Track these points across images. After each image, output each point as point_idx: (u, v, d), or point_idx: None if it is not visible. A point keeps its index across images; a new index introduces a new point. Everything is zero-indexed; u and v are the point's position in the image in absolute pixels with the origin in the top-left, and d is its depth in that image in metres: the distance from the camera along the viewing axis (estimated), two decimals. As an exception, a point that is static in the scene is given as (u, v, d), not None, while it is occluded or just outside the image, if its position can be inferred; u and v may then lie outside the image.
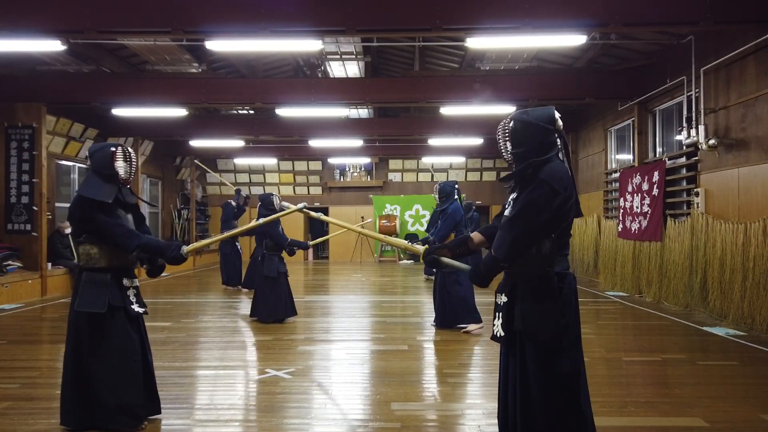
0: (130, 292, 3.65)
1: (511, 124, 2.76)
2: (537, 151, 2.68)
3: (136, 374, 3.57)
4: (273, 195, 7.66)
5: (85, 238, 3.54)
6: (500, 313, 2.83)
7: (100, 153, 3.58)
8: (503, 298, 2.83)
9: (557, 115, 2.76)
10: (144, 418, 3.63)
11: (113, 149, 3.56)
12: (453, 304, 6.75)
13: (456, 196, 6.87)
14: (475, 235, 3.07)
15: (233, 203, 11.94)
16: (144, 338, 3.72)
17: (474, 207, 13.50)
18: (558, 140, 2.74)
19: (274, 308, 7.30)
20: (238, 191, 12.50)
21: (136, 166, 3.67)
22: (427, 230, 7.16)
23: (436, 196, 7.01)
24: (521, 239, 2.65)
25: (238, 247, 11.35)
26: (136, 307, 3.63)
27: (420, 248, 3.20)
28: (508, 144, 2.76)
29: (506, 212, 2.80)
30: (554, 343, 2.63)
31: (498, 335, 2.84)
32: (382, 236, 3.65)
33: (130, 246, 3.49)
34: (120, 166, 3.55)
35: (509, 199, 2.83)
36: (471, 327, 6.71)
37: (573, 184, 2.70)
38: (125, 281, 3.62)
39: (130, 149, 3.63)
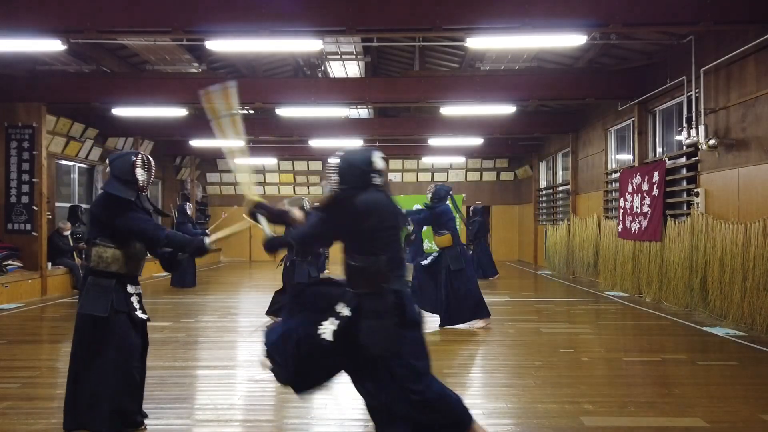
0: (134, 299, 3.62)
1: (336, 162, 3.15)
2: (356, 185, 3.07)
3: (134, 380, 3.57)
4: (303, 198, 7.23)
5: (101, 240, 3.53)
6: (337, 321, 3.03)
7: (120, 160, 3.63)
8: (346, 311, 3.03)
9: (376, 157, 3.14)
10: (140, 425, 3.60)
11: (134, 158, 3.62)
12: (461, 301, 6.80)
13: (447, 202, 7.03)
14: (297, 213, 3.46)
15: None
16: (145, 346, 3.72)
17: (480, 213, 13.50)
18: (377, 178, 3.11)
19: None
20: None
21: (154, 173, 3.72)
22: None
23: (429, 196, 7.13)
24: (313, 235, 3.18)
25: None
26: (139, 314, 3.62)
27: (255, 198, 3.40)
28: (335, 177, 3.14)
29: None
30: (389, 354, 2.96)
31: (324, 338, 3.04)
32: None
33: (161, 237, 3.55)
34: (140, 173, 3.61)
35: None
36: (481, 323, 6.82)
37: (392, 213, 3.09)
38: (129, 288, 3.61)
39: (149, 157, 3.68)
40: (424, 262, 7.16)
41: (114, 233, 3.52)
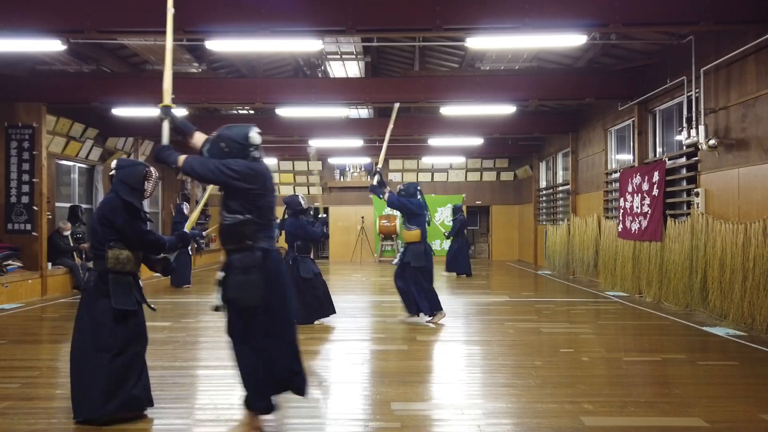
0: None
1: (217, 135, 3.56)
2: (237, 156, 3.52)
3: (141, 367, 3.89)
4: (299, 196, 7.41)
5: (115, 243, 3.83)
6: (219, 287, 3.47)
7: (132, 169, 3.97)
8: (221, 275, 3.48)
9: (253, 132, 3.57)
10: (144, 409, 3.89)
11: (146, 170, 3.99)
12: (423, 295, 7.19)
13: (419, 196, 7.43)
14: (198, 138, 3.75)
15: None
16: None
17: (461, 211, 14.02)
18: (254, 151, 3.58)
19: (313, 309, 7.20)
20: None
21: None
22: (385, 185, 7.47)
23: (402, 193, 7.49)
24: (199, 173, 3.48)
25: None
26: (151, 304, 4.12)
27: (169, 102, 3.82)
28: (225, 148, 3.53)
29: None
30: (255, 308, 3.37)
31: (216, 307, 3.51)
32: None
33: (164, 243, 4.04)
34: (149, 185, 4.01)
35: None
36: (438, 317, 7.20)
37: (263, 180, 3.55)
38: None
39: (156, 171, 4.06)
40: (394, 261, 7.38)
41: (128, 236, 3.86)
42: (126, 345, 3.78)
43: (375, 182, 7.30)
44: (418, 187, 7.50)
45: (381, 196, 7.24)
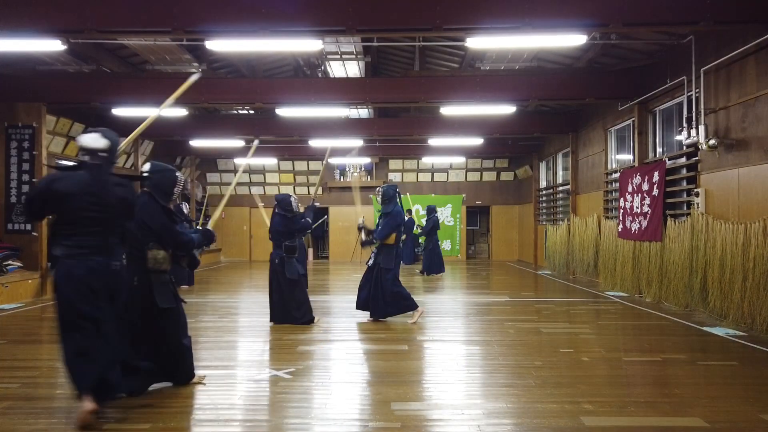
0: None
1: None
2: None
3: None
4: (291, 196, 7.39)
5: (153, 245, 4.18)
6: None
7: (165, 175, 4.32)
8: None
9: (80, 136, 3.78)
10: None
11: (177, 176, 4.33)
12: (386, 297, 7.22)
13: (398, 200, 7.39)
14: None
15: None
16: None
17: (434, 211, 14.36)
18: (84, 156, 3.75)
19: (306, 309, 7.19)
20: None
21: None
22: (372, 231, 7.48)
23: (379, 198, 7.46)
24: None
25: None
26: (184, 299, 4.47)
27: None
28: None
29: None
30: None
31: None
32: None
33: (194, 241, 4.40)
34: (177, 190, 4.35)
35: None
36: (416, 315, 7.30)
37: (54, 191, 3.67)
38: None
39: (182, 176, 4.42)
40: (368, 262, 7.45)
41: (164, 237, 4.19)
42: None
43: (363, 238, 7.40)
44: (397, 189, 7.49)
45: (374, 242, 7.31)
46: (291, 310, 7.14)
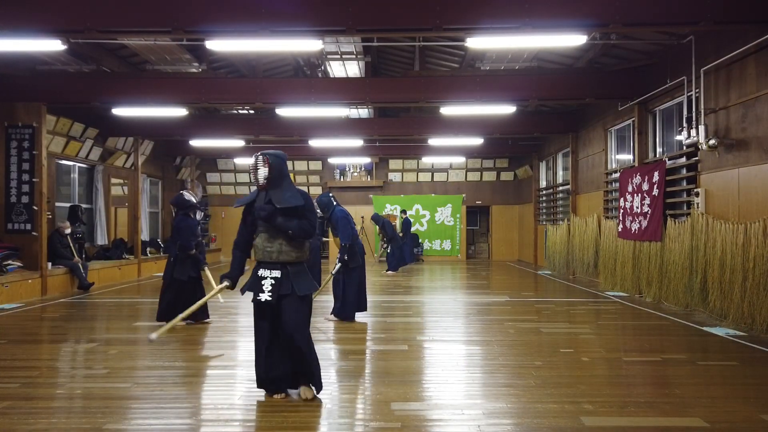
0: (266, 282, 4.19)
1: None
2: None
3: (261, 354, 4.24)
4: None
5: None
6: None
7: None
8: None
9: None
10: (271, 389, 4.25)
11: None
12: (347, 298, 7.46)
13: (335, 203, 7.59)
14: None
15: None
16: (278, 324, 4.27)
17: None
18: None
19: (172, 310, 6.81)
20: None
21: None
22: (330, 235, 7.70)
23: (319, 211, 7.50)
24: None
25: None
26: (264, 296, 4.16)
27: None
28: None
29: None
30: None
31: None
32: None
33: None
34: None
35: None
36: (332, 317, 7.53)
37: None
38: (261, 272, 4.24)
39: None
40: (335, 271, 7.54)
41: None
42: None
43: (340, 267, 7.40)
44: (330, 194, 7.69)
45: (347, 266, 7.35)
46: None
